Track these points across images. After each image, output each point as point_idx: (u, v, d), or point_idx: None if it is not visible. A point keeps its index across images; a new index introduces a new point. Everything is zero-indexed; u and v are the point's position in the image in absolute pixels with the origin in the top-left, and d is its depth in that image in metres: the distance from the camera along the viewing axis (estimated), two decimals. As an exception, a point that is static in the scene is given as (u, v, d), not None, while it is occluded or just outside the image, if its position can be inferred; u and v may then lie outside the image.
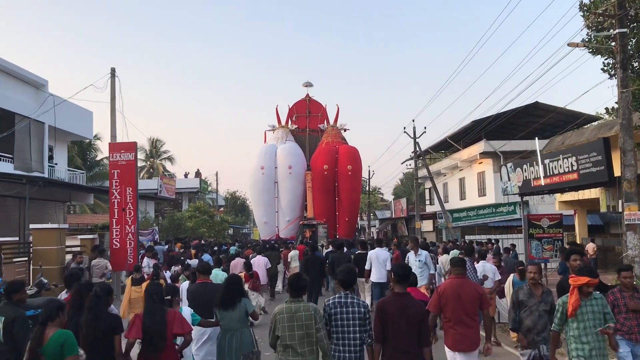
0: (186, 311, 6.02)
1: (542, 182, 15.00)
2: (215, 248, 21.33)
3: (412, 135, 26.56)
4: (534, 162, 18.18)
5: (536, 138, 17.90)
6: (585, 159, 15.31)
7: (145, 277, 14.28)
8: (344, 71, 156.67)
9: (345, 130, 34.94)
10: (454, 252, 15.01)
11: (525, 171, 18.84)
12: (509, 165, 20.21)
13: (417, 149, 26.71)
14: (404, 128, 26.77)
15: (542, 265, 13.39)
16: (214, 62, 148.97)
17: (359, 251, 13.11)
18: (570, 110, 25.79)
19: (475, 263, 10.49)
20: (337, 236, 29.52)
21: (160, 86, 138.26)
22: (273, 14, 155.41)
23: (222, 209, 56.81)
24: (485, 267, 10.61)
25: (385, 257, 11.67)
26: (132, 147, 15.20)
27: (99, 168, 38.75)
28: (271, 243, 21.92)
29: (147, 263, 14.54)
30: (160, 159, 55.48)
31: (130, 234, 14.97)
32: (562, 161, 16.71)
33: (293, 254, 16.77)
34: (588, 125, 25.43)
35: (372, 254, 11.67)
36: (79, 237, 16.01)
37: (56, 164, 23.48)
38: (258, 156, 32.79)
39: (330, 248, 15.81)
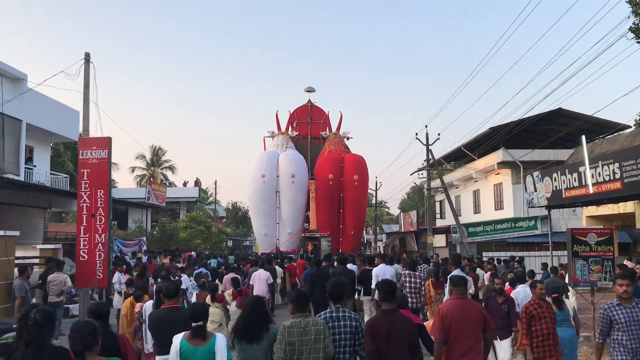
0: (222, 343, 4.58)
1: (591, 189, 12.66)
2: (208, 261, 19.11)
3: (425, 142, 24.39)
4: (567, 170, 15.91)
5: (581, 145, 15.55)
6: (632, 165, 13.00)
7: (117, 294, 12.23)
8: (348, 77, 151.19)
9: (348, 138, 33.67)
10: (480, 273, 12.82)
11: (556, 180, 16.54)
12: (535, 174, 17.92)
13: (430, 156, 24.45)
14: (416, 134, 24.96)
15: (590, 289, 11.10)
16: (212, 65, 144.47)
17: (365, 267, 12.43)
18: (597, 118, 23.51)
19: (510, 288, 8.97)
20: (341, 250, 27.98)
21: (157, 92, 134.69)
22: (274, 16, 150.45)
23: (223, 220, 55.11)
24: (527, 294, 8.39)
25: (391, 273, 11.08)
26: (105, 143, 13.01)
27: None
28: (269, 257, 19.83)
29: (118, 278, 12.37)
30: (161, 168, 54.05)
31: (100, 245, 12.72)
32: (601, 168, 14.46)
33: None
34: (618, 133, 23.12)
35: (377, 270, 11.03)
36: (38, 247, 13.74)
37: (35, 166, 21.33)
38: (258, 163, 30.98)
39: (324, 263, 14.01)
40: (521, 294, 8.80)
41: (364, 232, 41.01)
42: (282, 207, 30.44)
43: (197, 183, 43.11)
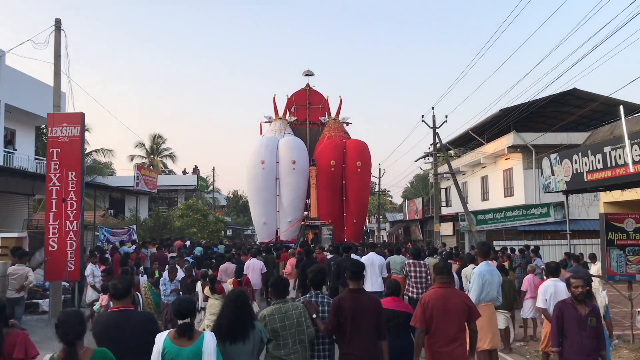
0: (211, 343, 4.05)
1: (632, 168, 11.15)
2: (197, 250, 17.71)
3: (432, 125, 22.82)
4: (589, 152, 14.40)
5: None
6: (666, 143, 11.51)
7: (90, 287, 10.88)
8: (348, 60, 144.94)
9: (348, 124, 32.43)
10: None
11: (576, 162, 15.04)
12: (552, 156, 16.40)
13: (437, 140, 22.91)
14: (422, 116, 23.27)
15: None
16: (209, 49, 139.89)
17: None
18: (614, 98, 21.80)
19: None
20: (346, 239, 26.48)
21: (154, 79, 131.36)
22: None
23: (224, 209, 53.94)
24: (559, 290, 7.02)
25: (380, 263, 10.58)
26: (77, 119, 11.57)
27: (88, 162, 35.55)
28: (268, 246, 18.66)
29: (92, 270, 10.93)
30: (161, 156, 52.72)
31: (71, 233, 11.34)
32: (621, 150, 12.98)
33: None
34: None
35: (365, 259, 10.32)
36: (0, 235, 12.29)
37: (16, 150, 19.87)
38: (258, 149, 29.59)
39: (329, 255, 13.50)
40: (551, 288, 7.36)
41: (367, 220, 39.55)
42: (283, 194, 29.20)
43: (196, 170, 41.65)
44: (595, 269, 12.75)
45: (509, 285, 9.96)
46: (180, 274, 9.86)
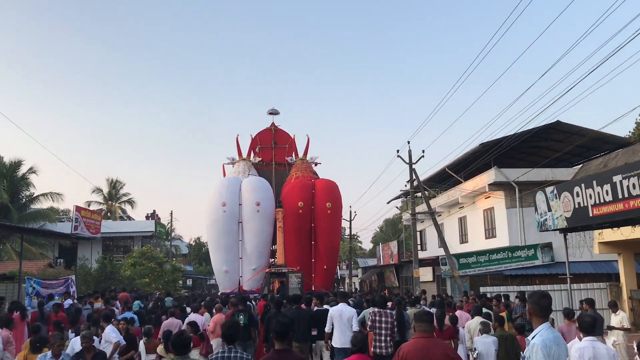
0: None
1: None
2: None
3: (408, 160, 20.93)
4: (594, 182, 12.51)
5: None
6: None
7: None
8: (315, 97, 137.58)
9: (316, 164, 30.85)
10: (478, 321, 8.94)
11: (579, 195, 13.10)
12: (549, 190, 14.51)
13: (415, 176, 20.95)
14: (398, 151, 21.41)
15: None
16: (167, 88, 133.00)
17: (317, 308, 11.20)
18: (601, 132, 20.35)
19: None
20: (314, 288, 24.61)
21: (109, 123, 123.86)
22: (234, 34, 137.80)
23: (185, 257, 51.04)
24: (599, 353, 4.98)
25: (350, 315, 9.37)
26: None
27: (34, 207, 32.45)
28: (229, 297, 16.03)
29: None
30: (119, 202, 50.20)
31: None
32: (636, 179, 11.14)
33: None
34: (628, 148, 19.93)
35: (334, 311, 9.45)
36: None
37: None
38: (219, 191, 27.43)
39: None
40: (588, 351, 5.39)
41: (337, 267, 37.08)
42: (246, 239, 26.85)
43: (154, 216, 38.84)
44: (617, 319, 10.56)
45: (511, 343, 7.86)
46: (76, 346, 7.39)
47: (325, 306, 11.17)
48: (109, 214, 47.86)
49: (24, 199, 32.70)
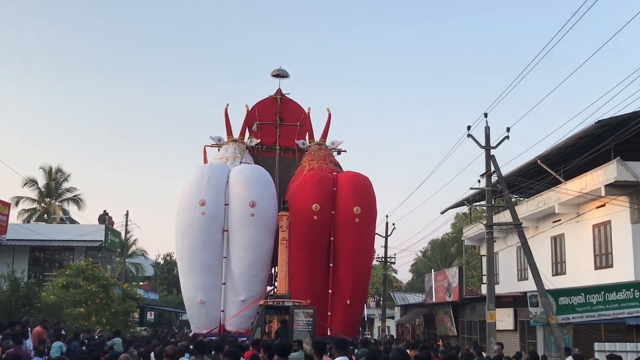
0: None
1: None
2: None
3: (485, 142, 20.00)
4: None
5: None
6: None
7: None
8: (341, 54, 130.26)
9: (339, 151, 31.16)
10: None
11: None
12: None
13: (493, 165, 19.89)
14: (468, 128, 20.43)
15: None
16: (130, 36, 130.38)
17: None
18: None
19: None
20: (330, 332, 24.97)
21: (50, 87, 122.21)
22: None
23: (150, 280, 51.10)
24: None
25: None
26: None
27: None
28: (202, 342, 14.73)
29: None
30: (60, 200, 51.12)
31: None
32: None
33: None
34: None
35: None
36: None
37: None
38: (196, 183, 26.78)
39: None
40: None
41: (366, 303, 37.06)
42: (233, 256, 26.12)
43: (104, 218, 37.85)
44: None
45: None
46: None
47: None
48: (45, 215, 48.89)
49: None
